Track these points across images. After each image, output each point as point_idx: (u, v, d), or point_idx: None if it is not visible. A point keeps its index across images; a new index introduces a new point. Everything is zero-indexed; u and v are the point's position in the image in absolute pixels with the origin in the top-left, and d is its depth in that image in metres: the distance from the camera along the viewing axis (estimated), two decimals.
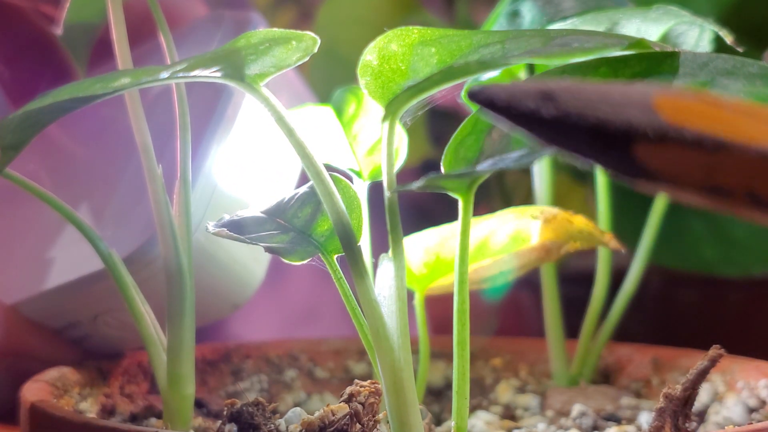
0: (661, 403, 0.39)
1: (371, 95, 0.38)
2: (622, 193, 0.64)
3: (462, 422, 0.38)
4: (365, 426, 0.38)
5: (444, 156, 0.38)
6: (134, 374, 0.51)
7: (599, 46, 0.35)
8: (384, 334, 0.38)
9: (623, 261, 0.55)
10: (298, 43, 0.38)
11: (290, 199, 0.42)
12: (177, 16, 0.56)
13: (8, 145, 0.40)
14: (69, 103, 0.39)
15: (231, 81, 0.38)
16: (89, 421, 0.40)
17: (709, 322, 0.69)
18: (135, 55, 0.44)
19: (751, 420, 0.47)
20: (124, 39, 0.44)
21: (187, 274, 0.43)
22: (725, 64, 0.35)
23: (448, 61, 0.37)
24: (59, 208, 0.44)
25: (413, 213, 0.74)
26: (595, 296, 0.52)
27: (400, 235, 0.38)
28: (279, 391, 0.53)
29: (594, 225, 0.48)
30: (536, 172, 0.53)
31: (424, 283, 0.48)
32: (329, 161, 0.47)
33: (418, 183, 0.36)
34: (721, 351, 0.40)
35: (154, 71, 0.38)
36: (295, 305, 0.82)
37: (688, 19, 0.46)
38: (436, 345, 0.54)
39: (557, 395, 0.51)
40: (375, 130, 0.48)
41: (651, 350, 0.53)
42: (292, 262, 0.41)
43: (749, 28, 0.68)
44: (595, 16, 0.47)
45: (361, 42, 0.39)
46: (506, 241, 0.47)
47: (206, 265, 0.48)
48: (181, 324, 0.43)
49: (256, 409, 0.40)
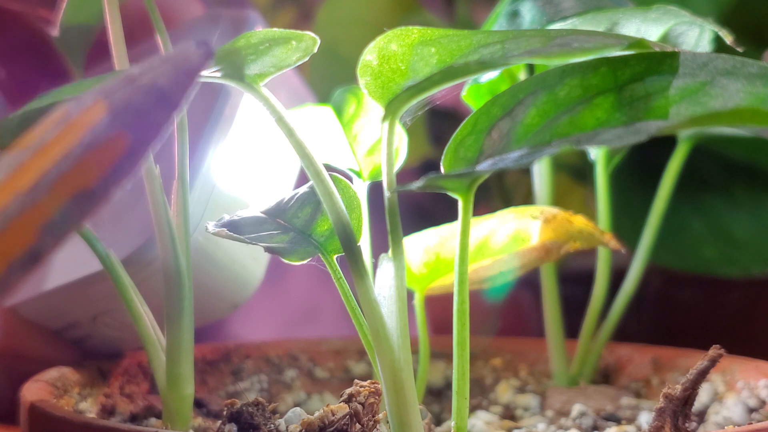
0: (661, 403, 0.39)
1: (371, 95, 0.38)
2: (622, 193, 0.64)
3: (462, 422, 0.38)
4: (365, 426, 0.38)
5: (444, 156, 0.38)
6: (134, 374, 0.50)
7: (599, 46, 0.35)
8: (384, 334, 0.38)
9: (623, 261, 0.55)
10: (298, 43, 0.38)
11: (290, 199, 0.42)
12: (174, 16, 0.56)
13: (8, 145, 0.40)
14: None
15: (231, 81, 0.38)
16: (89, 421, 0.40)
17: (709, 322, 0.69)
18: (132, 56, 0.44)
19: (751, 420, 0.47)
20: (121, 40, 0.44)
21: (185, 275, 0.43)
22: (725, 64, 0.35)
23: (448, 61, 0.37)
24: None
25: (413, 213, 0.74)
26: (595, 296, 0.52)
27: (400, 235, 0.38)
28: (279, 391, 0.53)
29: (594, 225, 0.48)
30: (536, 172, 0.53)
31: (424, 283, 0.48)
32: (329, 161, 0.47)
33: (418, 183, 0.36)
34: (721, 351, 0.40)
35: None
36: (295, 305, 0.82)
37: (688, 19, 0.46)
38: (436, 345, 0.54)
39: (557, 395, 0.51)
40: (375, 130, 0.48)
41: (651, 350, 0.53)
42: (291, 262, 0.41)
43: (749, 28, 0.68)
44: (595, 16, 0.47)
45: (361, 42, 0.39)
46: (506, 241, 0.47)
47: (205, 265, 0.48)
48: (180, 324, 0.43)
49: (256, 409, 0.40)
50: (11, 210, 0.24)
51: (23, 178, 0.25)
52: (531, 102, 0.37)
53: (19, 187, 0.25)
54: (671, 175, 0.53)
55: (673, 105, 0.35)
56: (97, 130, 0.25)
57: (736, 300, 0.70)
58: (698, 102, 0.34)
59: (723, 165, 0.68)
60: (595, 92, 0.36)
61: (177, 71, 0.28)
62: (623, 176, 0.65)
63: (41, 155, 0.25)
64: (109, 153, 0.25)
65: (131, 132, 0.26)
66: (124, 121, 0.26)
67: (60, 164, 0.25)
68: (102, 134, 0.25)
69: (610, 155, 0.53)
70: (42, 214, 0.24)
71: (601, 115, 0.36)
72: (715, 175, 0.69)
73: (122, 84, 0.27)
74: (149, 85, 0.27)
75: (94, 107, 0.26)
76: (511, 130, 0.37)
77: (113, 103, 0.26)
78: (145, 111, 0.26)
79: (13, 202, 0.24)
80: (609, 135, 0.35)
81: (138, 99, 0.26)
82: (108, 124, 0.26)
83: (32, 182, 0.25)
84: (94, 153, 0.25)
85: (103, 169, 0.25)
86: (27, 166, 0.25)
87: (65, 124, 0.26)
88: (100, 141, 0.25)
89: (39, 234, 0.24)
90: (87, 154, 0.25)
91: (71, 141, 0.25)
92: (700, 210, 0.68)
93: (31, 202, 0.24)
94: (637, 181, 0.67)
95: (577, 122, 0.36)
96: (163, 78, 0.27)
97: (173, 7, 0.57)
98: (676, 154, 0.54)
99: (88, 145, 0.25)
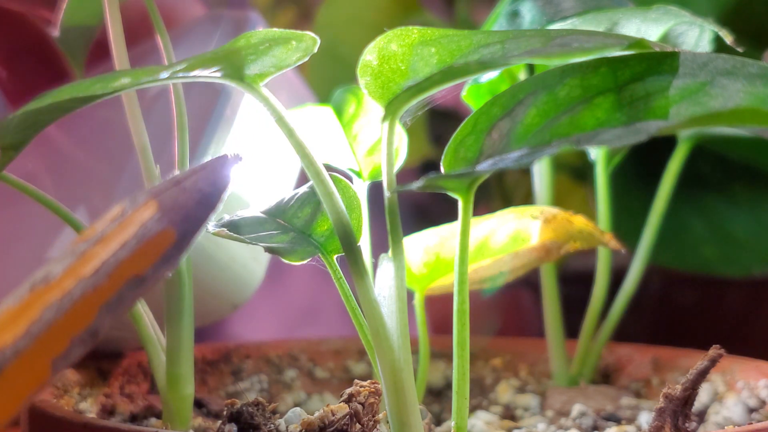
0: (661, 403, 0.39)
1: (371, 95, 0.38)
2: (622, 193, 0.64)
3: (462, 422, 0.38)
4: (365, 426, 0.38)
5: (444, 156, 0.38)
6: (134, 374, 0.51)
7: (599, 46, 0.35)
8: (384, 334, 0.38)
9: (623, 261, 0.55)
10: (298, 43, 0.38)
11: (290, 199, 0.42)
12: (174, 16, 0.56)
13: (8, 145, 0.40)
14: (69, 104, 0.39)
15: (231, 81, 0.38)
16: (89, 421, 0.40)
17: (709, 322, 0.69)
18: (132, 56, 0.44)
19: (751, 420, 0.47)
20: (121, 40, 0.44)
21: (185, 275, 0.43)
22: (725, 64, 0.35)
23: (448, 61, 0.37)
24: (56, 209, 0.44)
25: (413, 213, 0.74)
26: (595, 296, 0.52)
27: (400, 235, 0.38)
28: (279, 391, 0.53)
29: (594, 225, 0.48)
30: (536, 172, 0.53)
31: (424, 283, 0.48)
32: (329, 161, 0.47)
33: (418, 183, 0.36)
34: (721, 351, 0.40)
35: (153, 71, 0.38)
36: (295, 305, 0.82)
37: (688, 19, 0.46)
38: (436, 345, 0.54)
39: (557, 395, 0.51)
40: (375, 130, 0.48)
41: (651, 350, 0.53)
42: (292, 262, 0.41)
43: (749, 28, 0.68)
44: (595, 16, 0.47)
45: (361, 42, 0.39)
46: (506, 241, 0.47)
47: (205, 265, 0.48)
48: (180, 324, 0.43)
49: (256, 409, 0.40)
50: (74, 293, 0.28)
51: (86, 265, 0.29)
52: (531, 102, 0.37)
53: (82, 273, 0.28)
54: (671, 175, 0.53)
55: (673, 105, 0.35)
56: (149, 226, 0.30)
57: (736, 300, 0.70)
58: (698, 102, 0.34)
59: (723, 165, 0.68)
60: (595, 92, 0.36)
61: (215, 176, 0.32)
62: (623, 176, 0.65)
63: (101, 245, 0.29)
64: (159, 245, 0.30)
65: (177, 227, 0.30)
66: (172, 218, 0.30)
67: (117, 254, 0.29)
68: (153, 229, 0.30)
69: (610, 155, 0.53)
70: (101, 296, 0.29)
71: (601, 115, 0.35)
72: (715, 175, 0.69)
73: (170, 185, 0.31)
74: (192, 188, 0.31)
75: (146, 206, 0.30)
76: (511, 130, 0.37)
77: (162, 202, 0.31)
78: (188, 209, 0.31)
79: (77, 286, 0.28)
80: (609, 135, 0.35)
81: (183, 199, 0.31)
82: (158, 221, 0.30)
83: (94, 269, 0.29)
84: (146, 245, 0.30)
85: (153, 258, 0.30)
86: (89, 255, 0.29)
87: (122, 220, 0.30)
88: (152, 234, 0.30)
89: (98, 314, 0.28)
90: (140, 246, 0.30)
91: (127, 234, 0.30)
92: (700, 210, 0.68)
93: (92, 286, 0.28)
94: (637, 181, 0.67)
95: (577, 122, 0.36)
96: (204, 182, 0.31)
97: (173, 7, 0.57)
98: (676, 154, 0.54)
99: (142, 238, 0.30)
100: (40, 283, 0.28)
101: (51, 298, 0.28)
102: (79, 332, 0.28)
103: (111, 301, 0.29)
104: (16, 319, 0.27)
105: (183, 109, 0.44)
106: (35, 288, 0.28)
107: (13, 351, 0.27)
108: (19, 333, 0.27)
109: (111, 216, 0.30)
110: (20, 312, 0.28)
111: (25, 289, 0.28)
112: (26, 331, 0.27)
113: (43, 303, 0.28)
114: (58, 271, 0.29)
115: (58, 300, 0.28)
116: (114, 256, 0.29)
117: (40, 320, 0.28)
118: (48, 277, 0.28)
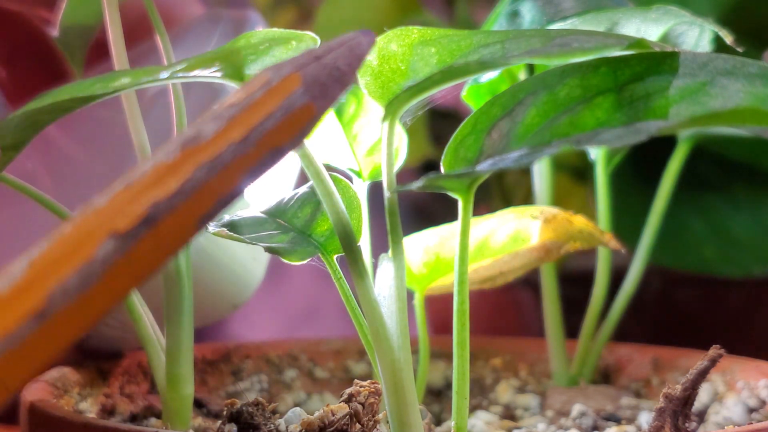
0: (661, 403, 0.39)
1: (371, 95, 0.38)
2: (622, 193, 0.64)
3: (462, 422, 0.38)
4: (365, 426, 0.38)
5: (444, 156, 0.38)
6: (134, 374, 0.50)
7: (599, 46, 0.35)
8: (384, 334, 0.38)
9: (623, 261, 0.55)
10: (298, 43, 0.38)
11: (290, 199, 0.42)
12: (174, 16, 0.56)
13: (8, 145, 0.40)
14: (68, 103, 0.39)
15: (231, 81, 0.38)
16: (89, 421, 0.40)
17: (709, 322, 0.69)
18: (131, 56, 0.44)
19: (751, 420, 0.47)
20: (121, 40, 0.44)
21: (185, 275, 0.43)
22: (725, 64, 0.35)
23: (448, 61, 0.37)
24: (55, 209, 0.44)
25: (413, 213, 0.74)
26: (595, 296, 0.52)
27: (400, 235, 0.38)
28: (279, 391, 0.53)
29: (594, 225, 0.48)
30: (536, 172, 0.53)
31: (424, 283, 0.48)
32: (329, 161, 0.47)
33: (418, 183, 0.36)
34: (721, 351, 0.40)
35: (153, 71, 0.38)
36: (295, 305, 0.82)
37: (688, 19, 0.46)
38: (436, 345, 0.54)
39: (557, 395, 0.51)
40: (375, 130, 0.48)
41: (651, 350, 0.53)
42: (291, 262, 0.41)
43: (749, 28, 0.68)
44: (595, 16, 0.47)
45: None
46: (506, 241, 0.47)
47: (205, 265, 0.48)
48: (180, 324, 0.43)
49: (256, 409, 0.40)
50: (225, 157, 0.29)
51: (235, 130, 0.29)
52: (531, 102, 0.37)
53: (232, 138, 0.29)
54: (671, 175, 0.53)
55: (673, 105, 0.35)
56: (293, 99, 0.30)
57: (736, 300, 0.70)
58: (698, 102, 0.34)
59: (723, 165, 0.68)
60: (595, 92, 0.36)
61: (351, 54, 0.32)
62: (623, 176, 0.65)
63: (250, 112, 0.30)
64: (301, 118, 0.30)
65: (316, 102, 0.31)
66: (313, 93, 0.31)
67: (264, 123, 0.30)
68: (297, 102, 0.30)
69: (610, 155, 0.53)
70: (247, 163, 0.29)
71: (601, 115, 0.36)
72: (715, 175, 0.69)
73: (310, 59, 0.32)
74: (332, 65, 0.31)
75: (290, 78, 0.31)
76: (511, 130, 0.37)
77: (305, 77, 0.31)
78: (327, 86, 0.31)
79: (227, 150, 0.29)
80: (609, 135, 0.35)
81: (323, 75, 0.31)
82: (302, 94, 0.31)
83: (242, 135, 0.29)
84: (290, 117, 0.30)
85: (294, 132, 0.30)
86: (238, 120, 0.30)
87: (268, 89, 0.30)
88: (296, 108, 0.30)
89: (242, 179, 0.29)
90: (285, 118, 0.30)
91: (274, 104, 0.30)
92: (700, 210, 0.68)
93: (241, 152, 0.29)
94: (637, 181, 0.67)
95: (577, 122, 0.36)
96: (342, 60, 0.32)
97: (173, 7, 0.57)
98: (676, 154, 0.54)
99: (287, 110, 0.30)
100: (191, 142, 0.29)
101: (202, 158, 0.29)
102: (225, 194, 0.29)
103: (254, 168, 0.30)
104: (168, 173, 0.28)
105: (182, 108, 0.44)
106: (186, 146, 0.29)
107: (168, 206, 0.28)
108: (173, 189, 0.28)
109: (258, 83, 0.30)
110: (172, 168, 0.28)
111: (175, 145, 0.29)
112: (179, 189, 0.28)
113: (195, 162, 0.28)
114: (209, 133, 0.29)
115: (209, 161, 0.29)
116: (261, 124, 0.30)
117: (192, 179, 0.28)
118: (198, 138, 0.29)
